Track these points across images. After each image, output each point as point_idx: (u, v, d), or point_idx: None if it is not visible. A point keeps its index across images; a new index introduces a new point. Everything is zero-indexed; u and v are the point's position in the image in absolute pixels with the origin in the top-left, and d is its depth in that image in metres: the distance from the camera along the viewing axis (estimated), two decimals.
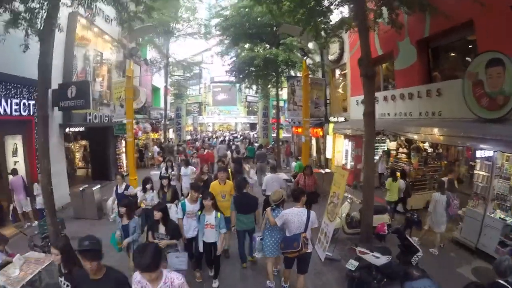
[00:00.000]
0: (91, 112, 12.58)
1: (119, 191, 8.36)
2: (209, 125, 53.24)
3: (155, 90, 25.36)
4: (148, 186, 7.35)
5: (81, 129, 15.37)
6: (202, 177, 8.79)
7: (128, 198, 7.39)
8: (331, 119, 16.61)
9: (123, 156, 16.69)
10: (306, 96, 11.09)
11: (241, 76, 17.83)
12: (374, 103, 6.74)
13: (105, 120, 13.85)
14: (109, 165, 15.35)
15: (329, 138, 17.20)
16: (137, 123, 16.48)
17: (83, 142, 16.70)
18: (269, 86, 18.70)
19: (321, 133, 18.21)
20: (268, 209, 5.36)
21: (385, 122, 11.03)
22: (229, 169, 9.35)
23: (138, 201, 7.42)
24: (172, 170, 10.67)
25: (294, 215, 4.92)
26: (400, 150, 11.91)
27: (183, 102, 22.07)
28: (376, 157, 13.08)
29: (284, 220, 4.95)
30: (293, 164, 12.96)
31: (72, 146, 16.87)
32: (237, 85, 21.22)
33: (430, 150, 11.85)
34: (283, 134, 26.78)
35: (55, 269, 4.30)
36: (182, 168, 10.25)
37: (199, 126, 52.36)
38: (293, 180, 11.41)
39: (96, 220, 9.84)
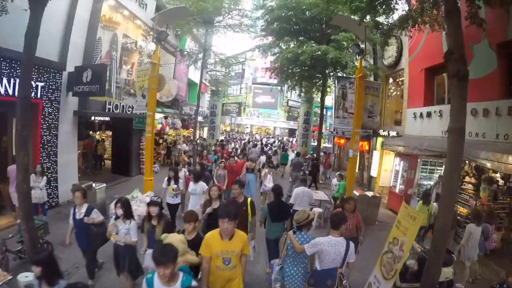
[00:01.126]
0: (112, 101, 11.45)
1: (77, 216, 5.21)
2: (247, 127, 51.93)
3: (191, 85, 24.34)
4: (120, 212, 4.71)
5: (107, 118, 14.53)
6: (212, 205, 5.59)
7: (89, 228, 5.20)
8: (381, 132, 14.42)
9: None
10: (359, 102, 9.09)
11: (283, 75, 15.97)
12: (465, 116, 4.65)
13: (129, 111, 12.68)
14: (131, 160, 14.26)
15: (376, 154, 15.02)
16: (166, 117, 15.25)
17: (109, 133, 15.75)
18: (314, 89, 16.72)
19: (367, 147, 16.06)
20: (290, 232, 4.55)
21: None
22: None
23: (107, 232, 4.96)
24: (176, 183, 7.73)
25: (331, 246, 4.07)
26: (467, 179, 9.50)
27: (219, 99, 20.71)
28: (430, 183, 11.04)
29: (317, 250, 4.10)
30: (334, 181, 10.98)
31: (98, 136, 16.05)
32: (279, 87, 19.49)
33: (501, 182, 9.36)
34: (323, 144, 24.69)
35: None
36: (191, 184, 7.36)
37: (237, 127, 51.34)
38: (332, 202, 9.51)
39: None
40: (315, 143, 23.98)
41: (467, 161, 8.69)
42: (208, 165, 11.66)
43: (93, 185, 8.59)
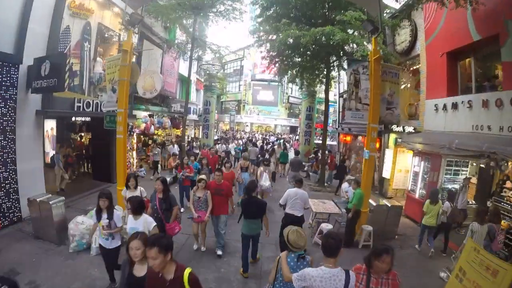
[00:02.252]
0: (83, 98, 9.85)
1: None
2: (247, 125, 50.19)
3: (185, 81, 22.71)
4: None
5: (87, 118, 12.95)
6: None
7: None
8: (394, 128, 12.75)
9: (134, 154, 13.97)
10: (375, 91, 7.45)
11: (282, 65, 14.21)
12: None
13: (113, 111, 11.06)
14: (113, 165, 12.61)
15: (388, 153, 13.37)
16: (151, 116, 13.62)
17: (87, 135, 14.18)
18: (317, 81, 14.97)
19: (377, 145, 14.37)
20: (284, 253, 3.62)
21: (485, 139, 7.42)
22: None
23: None
24: (110, 216, 4.96)
25: (325, 281, 2.98)
26: (508, 185, 7.83)
27: (213, 95, 19.04)
28: (455, 186, 9.64)
29: (307, 286, 3.07)
30: (345, 186, 9.39)
31: (84, 139, 14.50)
32: (279, 83, 17.78)
33: None
34: (327, 142, 23.01)
35: None
36: (130, 219, 4.71)
37: (237, 126, 49.68)
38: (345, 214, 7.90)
39: (54, 245, 6.97)
40: (319, 141, 22.51)
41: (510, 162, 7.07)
42: (190, 176, 9.91)
43: (50, 200, 6.94)
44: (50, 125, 14.18)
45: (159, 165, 14.14)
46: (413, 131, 11.48)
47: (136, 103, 13.26)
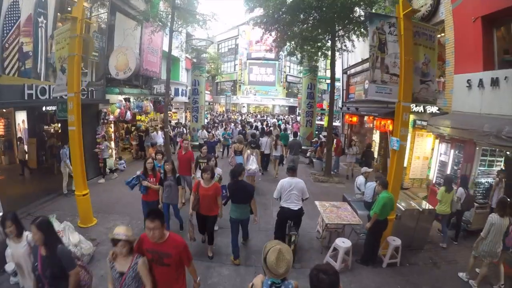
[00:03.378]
0: (36, 83, 7.94)
1: None
2: (244, 106, 48.12)
3: (173, 60, 20.62)
4: None
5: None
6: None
7: None
8: (412, 108, 10.99)
9: (112, 144, 12.16)
10: (408, 57, 5.63)
11: (278, 31, 12.11)
12: None
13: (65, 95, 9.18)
14: (85, 159, 10.84)
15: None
16: (127, 99, 11.70)
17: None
18: (319, 54, 12.94)
19: (390, 127, 12.62)
20: (259, 279, 2.61)
21: None
22: None
23: None
24: None
25: None
26: None
27: (202, 73, 16.92)
28: (489, 180, 8.19)
29: None
30: (361, 180, 7.82)
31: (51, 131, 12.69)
32: (276, 61, 15.50)
33: None
34: None
35: None
36: None
37: (233, 107, 47.65)
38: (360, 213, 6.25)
39: None
40: (320, 122, 20.66)
41: None
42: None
43: None
44: (21, 118, 12.57)
45: (110, 163, 11.64)
46: (438, 112, 9.67)
47: (109, 85, 11.35)
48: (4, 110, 11.37)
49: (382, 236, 5.95)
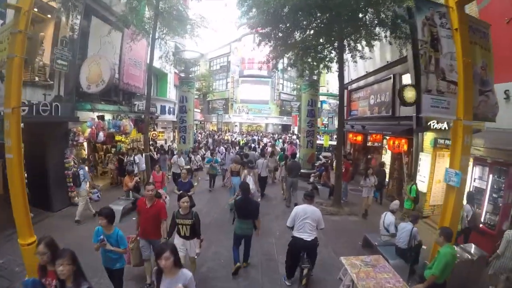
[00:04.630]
0: None
1: None
2: (236, 125, 46.51)
3: (160, 75, 19.10)
4: None
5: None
6: None
7: None
8: (432, 124, 9.56)
9: (86, 169, 10.39)
10: (467, 60, 4.14)
11: (276, 40, 10.67)
12: None
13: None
14: (49, 186, 9.12)
15: (425, 158, 10.12)
16: (101, 117, 9.95)
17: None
18: (321, 66, 11.36)
19: (405, 147, 11.14)
20: None
21: None
22: None
23: None
24: None
25: None
26: None
27: (190, 89, 15.31)
28: None
29: None
30: (390, 219, 6.30)
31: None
32: (269, 79, 13.87)
33: None
34: (329, 142, 19.73)
35: None
36: None
37: (225, 126, 46.05)
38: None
39: None
40: (320, 141, 19.07)
41: None
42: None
43: None
44: None
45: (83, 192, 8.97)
46: None
47: (81, 101, 9.68)
48: None
49: None
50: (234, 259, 5.94)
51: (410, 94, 9.73)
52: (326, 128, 22.27)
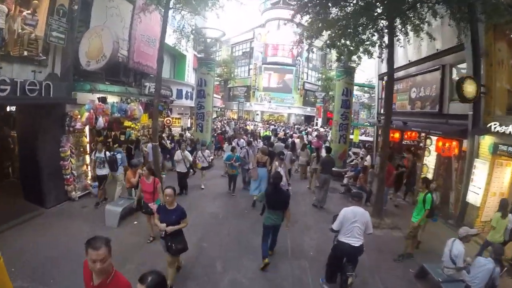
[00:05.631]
0: None
1: None
2: (257, 114, 44.87)
3: (178, 57, 17.73)
4: None
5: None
6: None
7: None
8: (492, 127, 7.77)
9: (87, 158, 9.27)
10: None
11: (314, 13, 9.10)
12: None
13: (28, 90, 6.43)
14: (42, 179, 7.95)
15: (481, 165, 8.36)
16: (102, 100, 8.55)
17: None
18: (362, 49, 9.57)
19: (456, 151, 9.37)
20: None
21: None
22: None
23: None
24: None
25: None
26: None
27: (210, 71, 13.50)
28: None
29: None
30: (458, 249, 4.82)
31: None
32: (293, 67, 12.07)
33: None
34: (359, 137, 17.94)
35: None
36: None
37: (245, 114, 44.60)
38: None
39: None
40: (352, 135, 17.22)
41: None
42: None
43: None
44: None
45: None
46: None
47: (81, 80, 8.36)
48: None
49: None
50: (263, 254, 5.80)
51: (470, 88, 8.04)
52: (357, 122, 20.37)
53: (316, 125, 40.34)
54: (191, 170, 10.77)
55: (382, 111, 15.51)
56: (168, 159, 12.14)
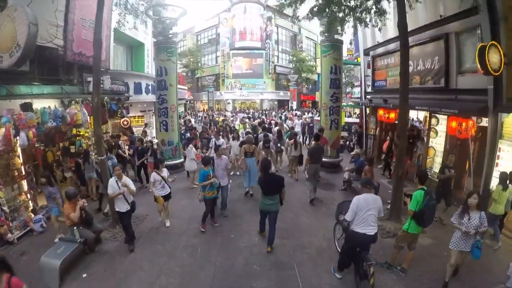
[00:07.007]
0: None
1: None
2: (229, 102, 42.68)
3: (135, 46, 15.39)
4: None
5: None
6: None
7: None
8: None
9: (25, 184, 7.16)
10: None
11: None
12: None
13: None
14: None
15: (507, 148, 6.99)
16: (26, 108, 6.25)
17: None
18: (353, 17, 7.90)
19: (472, 131, 7.96)
20: None
21: None
22: None
23: None
24: None
25: None
26: None
27: (171, 57, 11.11)
28: None
29: None
30: None
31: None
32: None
33: None
34: (345, 119, 16.47)
35: None
36: None
37: (216, 104, 42.33)
38: None
39: None
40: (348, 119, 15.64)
41: None
42: None
43: None
44: None
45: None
46: None
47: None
48: None
49: None
50: (260, 228, 6.35)
51: (495, 58, 6.60)
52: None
53: (291, 109, 38.89)
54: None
55: (369, 89, 14.03)
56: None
